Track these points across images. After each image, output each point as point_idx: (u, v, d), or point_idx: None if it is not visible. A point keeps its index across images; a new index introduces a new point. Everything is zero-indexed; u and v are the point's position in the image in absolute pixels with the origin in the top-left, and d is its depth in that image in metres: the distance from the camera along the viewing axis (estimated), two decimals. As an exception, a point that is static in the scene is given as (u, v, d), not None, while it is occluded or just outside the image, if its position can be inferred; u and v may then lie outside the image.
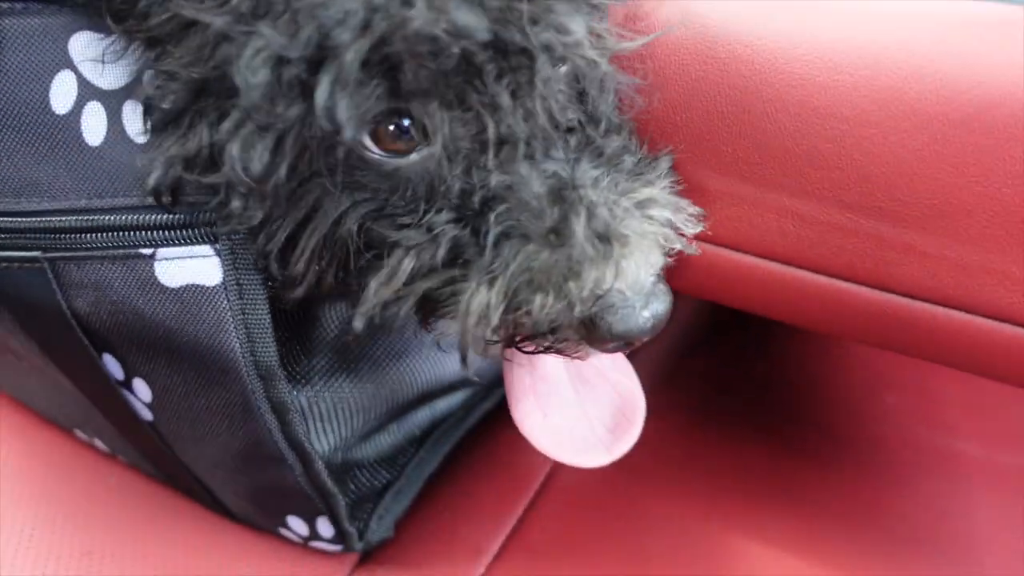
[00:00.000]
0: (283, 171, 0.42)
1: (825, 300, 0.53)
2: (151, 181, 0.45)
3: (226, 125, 0.42)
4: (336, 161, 0.43)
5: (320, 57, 0.38)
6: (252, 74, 0.39)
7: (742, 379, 0.80)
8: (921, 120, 0.46)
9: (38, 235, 0.49)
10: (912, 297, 0.50)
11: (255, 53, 0.39)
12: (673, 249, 0.48)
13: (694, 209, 0.50)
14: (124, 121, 0.46)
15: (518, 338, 0.47)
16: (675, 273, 0.52)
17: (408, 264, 0.45)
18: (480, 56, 0.40)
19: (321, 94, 0.38)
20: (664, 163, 0.50)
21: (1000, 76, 0.44)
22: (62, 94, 0.46)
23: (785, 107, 0.48)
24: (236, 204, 0.45)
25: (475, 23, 0.39)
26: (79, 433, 0.73)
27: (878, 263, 0.50)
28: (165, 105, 0.43)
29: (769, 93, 0.48)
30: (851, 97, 0.47)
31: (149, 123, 0.45)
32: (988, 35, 0.45)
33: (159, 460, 0.66)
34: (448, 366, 0.68)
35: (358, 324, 0.46)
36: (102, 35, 0.45)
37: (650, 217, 0.46)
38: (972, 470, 0.70)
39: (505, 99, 0.42)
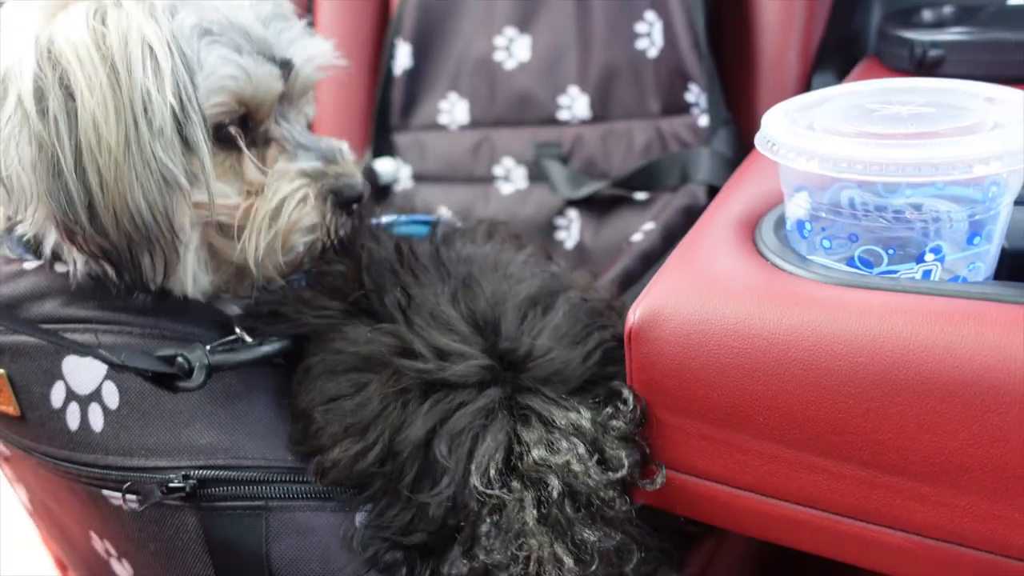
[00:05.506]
0: None
1: (858, 539, 0.61)
2: None
3: None
4: None
5: None
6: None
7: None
8: (911, 396, 0.56)
9: None
10: (934, 538, 0.59)
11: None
12: None
13: None
14: (90, 416, 0.67)
15: None
16: (727, 520, 0.61)
17: None
18: None
19: None
20: None
21: (968, 361, 0.54)
22: (57, 394, 0.67)
23: (803, 387, 0.59)
24: None
25: None
26: None
27: (900, 510, 0.59)
28: None
29: (789, 376, 0.59)
30: (852, 379, 0.57)
31: None
32: (952, 328, 0.55)
33: None
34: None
35: None
36: (81, 357, 0.67)
37: None
38: None
39: None
